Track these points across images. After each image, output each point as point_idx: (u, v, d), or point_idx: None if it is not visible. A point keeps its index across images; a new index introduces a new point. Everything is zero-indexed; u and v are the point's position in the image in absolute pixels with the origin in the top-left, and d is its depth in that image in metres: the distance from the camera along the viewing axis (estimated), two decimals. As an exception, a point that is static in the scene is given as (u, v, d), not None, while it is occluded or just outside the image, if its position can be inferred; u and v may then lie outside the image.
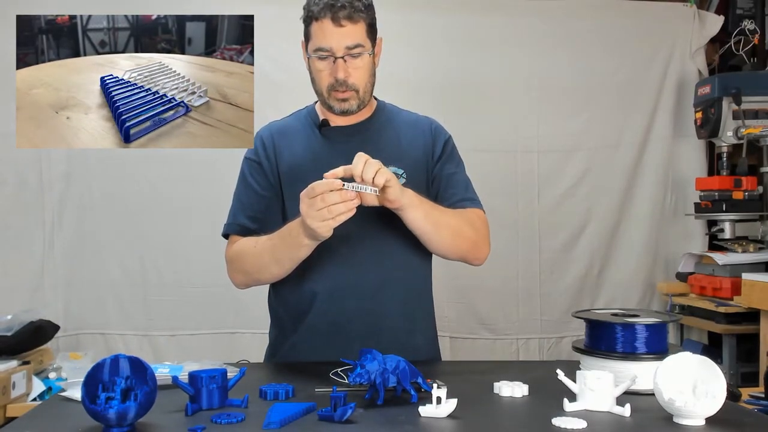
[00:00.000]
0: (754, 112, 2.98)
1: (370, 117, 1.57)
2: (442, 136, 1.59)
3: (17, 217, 2.95)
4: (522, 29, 3.25)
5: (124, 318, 3.04)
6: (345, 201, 1.26)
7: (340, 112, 1.50)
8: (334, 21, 1.40)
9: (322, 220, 1.26)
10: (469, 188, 1.57)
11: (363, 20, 1.43)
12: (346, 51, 1.42)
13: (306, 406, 1.08)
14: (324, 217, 1.26)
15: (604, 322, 1.26)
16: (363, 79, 1.47)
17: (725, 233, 3.03)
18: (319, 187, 1.25)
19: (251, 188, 1.53)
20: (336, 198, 1.25)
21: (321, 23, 1.41)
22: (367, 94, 1.51)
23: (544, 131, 3.25)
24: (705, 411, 1.02)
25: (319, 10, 1.41)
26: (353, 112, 1.51)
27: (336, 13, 1.40)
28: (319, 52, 1.43)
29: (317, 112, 1.58)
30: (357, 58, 1.44)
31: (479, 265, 1.56)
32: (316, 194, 1.25)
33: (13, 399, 2.30)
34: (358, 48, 1.43)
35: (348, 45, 1.42)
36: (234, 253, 1.51)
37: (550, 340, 3.24)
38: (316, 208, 1.25)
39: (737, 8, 3.26)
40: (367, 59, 1.46)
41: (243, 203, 1.54)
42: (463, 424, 1.03)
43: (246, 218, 1.51)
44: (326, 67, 1.45)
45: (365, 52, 1.45)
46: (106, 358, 1.01)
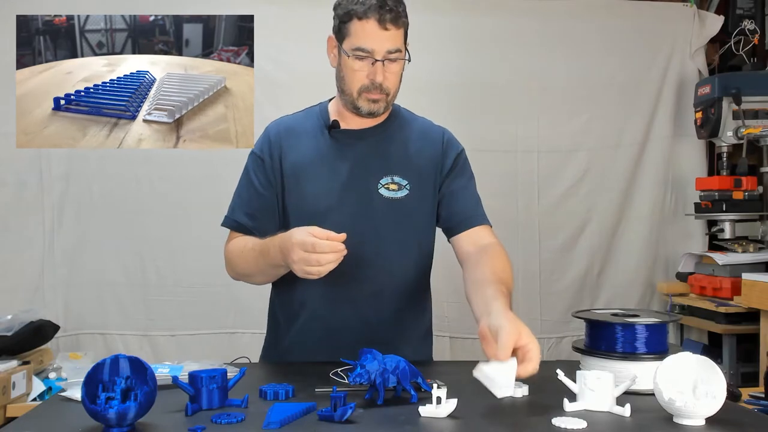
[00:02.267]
0: (754, 112, 2.98)
1: (382, 122, 1.54)
2: (454, 149, 1.56)
3: (17, 217, 2.95)
4: (522, 29, 3.24)
5: (124, 318, 3.04)
6: (338, 259, 1.23)
7: (367, 113, 1.47)
8: (380, 23, 1.38)
9: (309, 273, 1.24)
10: (478, 204, 1.55)
11: (404, 26, 1.43)
12: (386, 54, 1.41)
13: (306, 406, 1.08)
14: (311, 272, 1.24)
15: (604, 322, 1.26)
16: (395, 85, 1.47)
17: (725, 233, 3.03)
18: (321, 247, 1.22)
19: (252, 185, 1.53)
20: (332, 258, 1.23)
21: (365, 23, 1.39)
22: (393, 99, 1.50)
23: (544, 131, 3.25)
24: (705, 411, 1.02)
25: (365, 9, 1.38)
26: (379, 114, 1.49)
27: (383, 15, 1.38)
28: (358, 52, 1.41)
29: (329, 112, 1.56)
30: (394, 63, 1.43)
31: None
32: (315, 252, 1.22)
33: (13, 399, 2.30)
34: (397, 53, 1.42)
35: (389, 49, 1.41)
36: (228, 253, 1.52)
37: (550, 340, 3.24)
38: (308, 264, 1.23)
39: (737, 8, 3.26)
40: (402, 64, 1.45)
41: (242, 199, 1.53)
42: (463, 424, 1.03)
43: (243, 215, 1.51)
44: (363, 68, 1.42)
45: (402, 57, 1.44)
46: (106, 358, 1.01)
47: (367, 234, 1.47)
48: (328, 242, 1.22)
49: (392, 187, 1.49)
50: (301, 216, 1.45)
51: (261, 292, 1.65)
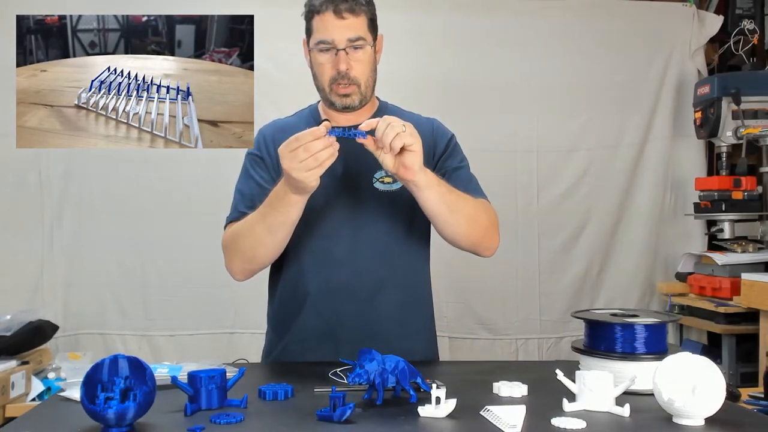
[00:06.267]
0: (753, 112, 2.98)
1: (370, 118, 1.56)
2: (444, 135, 1.58)
3: (16, 217, 2.95)
4: (521, 29, 3.24)
5: (123, 318, 3.04)
6: (327, 147, 1.25)
7: (341, 108, 1.49)
8: (336, 13, 1.41)
9: (307, 170, 1.24)
10: (473, 181, 1.55)
11: (364, 14, 1.44)
12: (348, 43, 1.43)
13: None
14: (309, 166, 1.24)
15: (604, 322, 1.26)
16: (365, 74, 1.47)
17: (725, 233, 3.03)
18: (303, 138, 1.24)
19: (253, 180, 1.53)
20: (319, 146, 1.24)
21: (323, 16, 1.42)
22: (368, 90, 1.50)
23: (543, 131, 3.25)
24: (704, 411, 1.02)
25: (321, 3, 1.42)
26: (355, 107, 1.50)
27: (338, 5, 1.41)
28: (320, 45, 1.44)
29: (319, 112, 1.58)
30: (359, 51, 1.44)
31: (489, 256, 1.52)
32: (298, 145, 1.24)
33: (12, 399, 2.30)
34: (359, 41, 1.43)
35: (350, 37, 1.42)
36: (228, 236, 1.50)
37: (549, 340, 3.24)
38: (300, 159, 1.24)
39: (737, 8, 3.26)
40: (369, 52, 1.46)
41: (244, 194, 1.53)
42: (462, 425, 1.03)
43: (247, 208, 1.50)
44: (328, 60, 1.45)
45: (367, 45, 1.45)
46: (105, 358, 1.00)
47: (366, 227, 1.48)
48: (307, 130, 1.25)
49: (387, 180, 1.50)
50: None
51: (261, 292, 1.65)
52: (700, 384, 1.02)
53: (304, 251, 1.50)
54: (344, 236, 1.48)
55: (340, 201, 1.48)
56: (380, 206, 1.49)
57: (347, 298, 1.48)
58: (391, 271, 1.51)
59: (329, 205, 1.48)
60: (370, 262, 1.48)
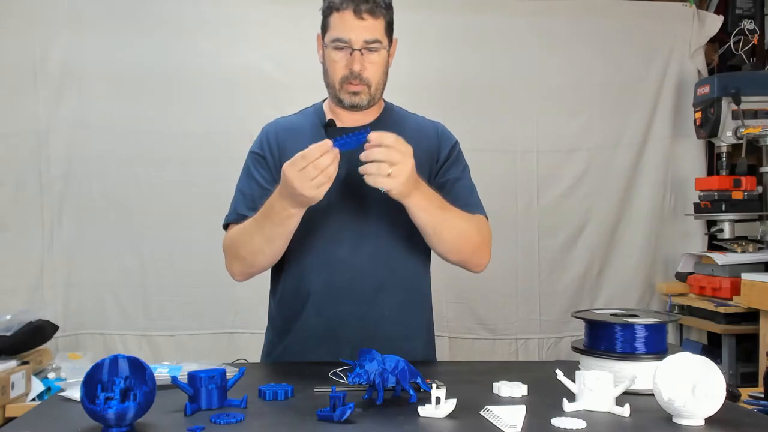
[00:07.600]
0: (753, 112, 2.98)
1: (376, 119, 1.55)
2: (449, 141, 1.58)
3: (16, 217, 2.94)
4: (521, 29, 3.24)
5: (123, 318, 3.04)
6: (335, 161, 1.25)
7: (350, 106, 1.49)
8: (356, 13, 1.41)
9: (318, 186, 1.26)
10: (473, 194, 1.55)
11: (383, 17, 1.44)
12: (364, 44, 1.42)
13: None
14: (321, 183, 1.25)
15: (604, 322, 1.26)
16: (377, 76, 1.47)
17: (724, 233, 3.03)
18: (311, 155, 1.24)
19: (254, 180, 1.52)
20: (327, 161, 1.24)
21: (342, 14, 1.42)
22: (378, 92, 1.50)
23: (543, 131, 3.24)
24: (704, 411, 1.02)
25: (342, 1, 1.41)
26: (363, 107, 1.50)
27: (358, 5, 1.40)
28: (336, 43, 1.43)
29: (324, 111, 1.58)
30: (374, 53, 1.44)
31: (479, 272, 1.55)
32: (306, 164, 1.24)
33: (12, 399, 2.30)
34: (376, 43, 1.43)
35: (367, 39, 1.42)
36: (228, 241, 1.50)
37: (549, 340, 3.24)
38: (310, 177, 1.24)
39: (737, 8, 3.26)
40: (383, 55, 1.46)
41: (245, 194, 1.53)
42: (462, 425, 1.03)
43: (247, 209, 1.50)
44: (342, 59, 1.44)
45: (382, 48, 1.45)
46: (105, 358, 1.00)
47: (368, 228, 1.48)
48: (313, 146, 1.24)
49: None
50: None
51: (261, 292, 1.64)
52: (700, 384, 1.02)
53: (306, 252, 1.49)
54: (347, 237, 1.48)
55: (342, 202, 1.48)
56: (382, 207, 1.49)
57: (348, 298, 1.48)
58: (392, 272, 1.51)
59: (332, 207, 1.47)
60: (371, 263, 1.48)
